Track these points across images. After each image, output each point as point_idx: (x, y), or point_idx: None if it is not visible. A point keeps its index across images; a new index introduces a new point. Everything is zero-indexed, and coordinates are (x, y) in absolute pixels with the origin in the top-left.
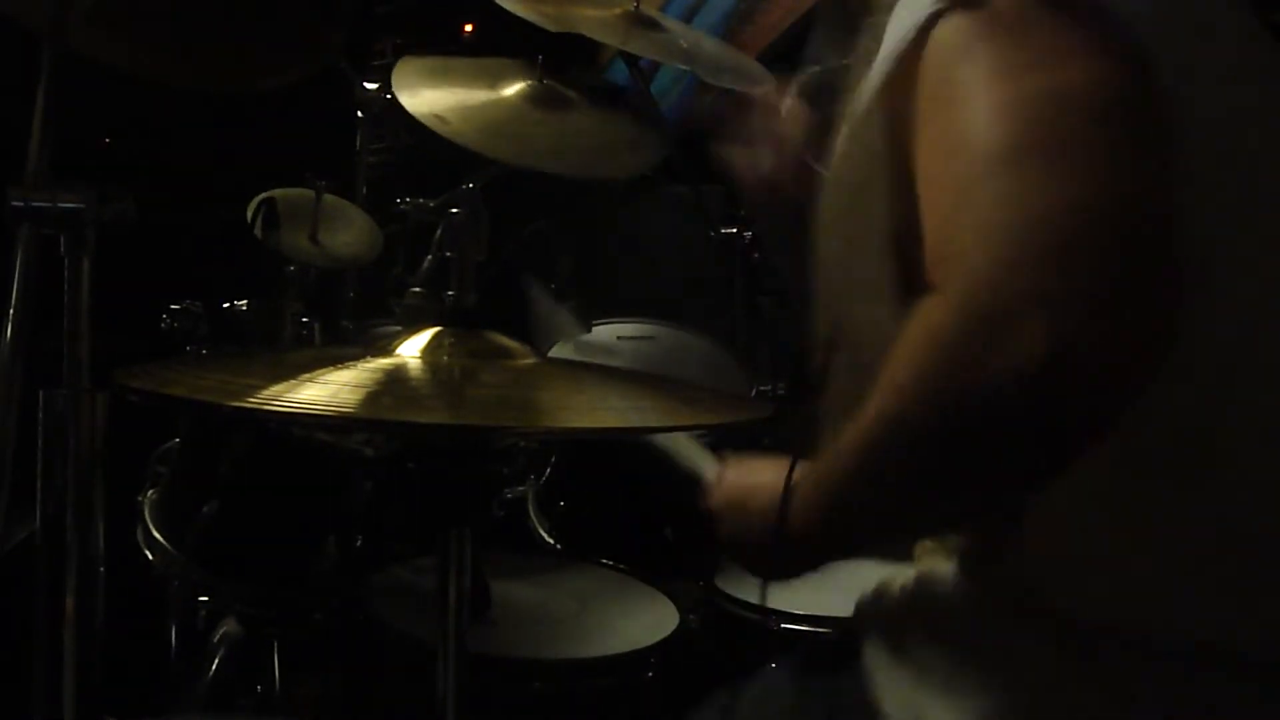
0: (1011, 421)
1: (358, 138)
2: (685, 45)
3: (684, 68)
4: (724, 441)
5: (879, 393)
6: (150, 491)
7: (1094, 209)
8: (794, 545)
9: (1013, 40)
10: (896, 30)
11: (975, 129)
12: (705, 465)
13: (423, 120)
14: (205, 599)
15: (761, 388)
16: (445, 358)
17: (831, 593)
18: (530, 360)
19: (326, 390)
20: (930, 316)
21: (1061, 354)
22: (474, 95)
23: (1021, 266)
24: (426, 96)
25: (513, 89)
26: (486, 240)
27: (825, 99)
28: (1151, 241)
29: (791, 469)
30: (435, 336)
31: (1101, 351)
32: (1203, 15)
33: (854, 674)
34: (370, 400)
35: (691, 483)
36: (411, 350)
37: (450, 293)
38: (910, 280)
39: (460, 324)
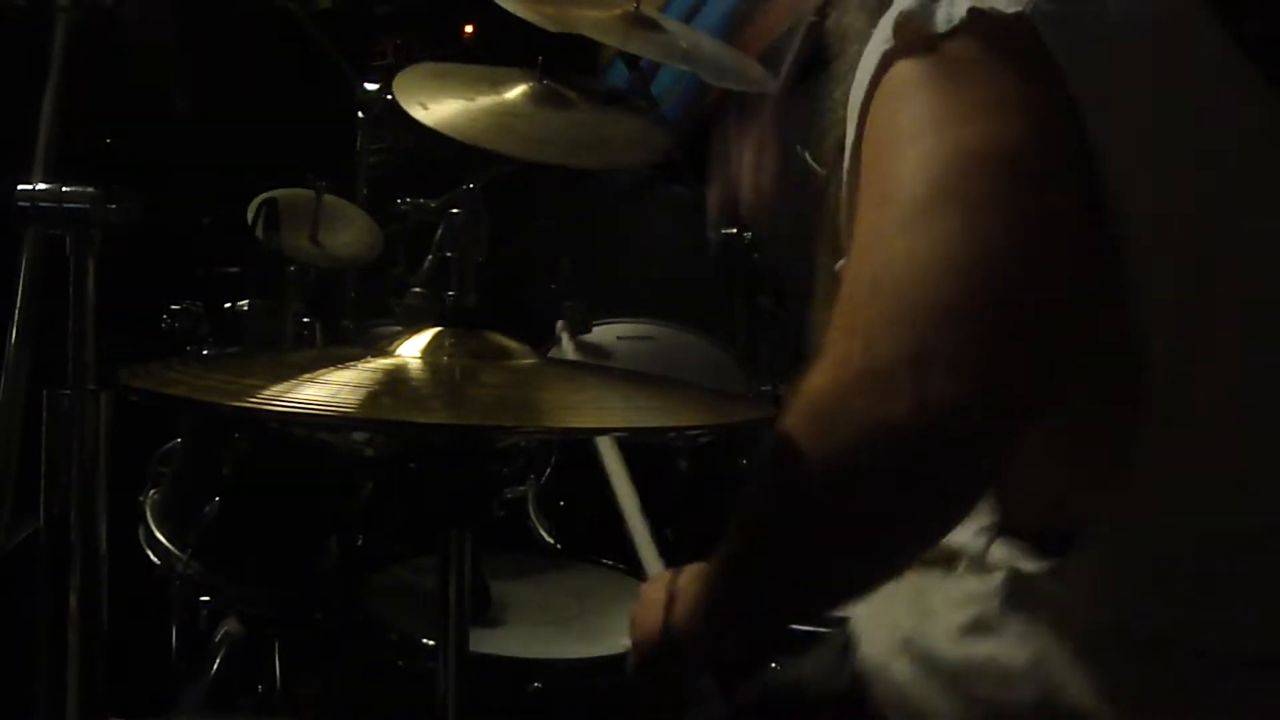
0: (879, 479)
1: (358, 138)
2: (685, 45)
3: (684, 68)
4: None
5: (757, 473)
6: (152, 491)
7: (975, 269)
8: (676, 647)
9: (947, 89)
10: (861, 79)
11: (894, 183)
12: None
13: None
14: (206, 599)
15: (761, 388)
16: (445, 358)
17: None
18: (530, 360)
19: (327, 390)
20: (808, 381)
21: (927, 411)
22: (472, 92)
23: (897, 324)
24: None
25: (513, 91)
26: (486, 240)
27: None
28: (1032, 303)
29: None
30: (435, 336)
31: (967, 408)
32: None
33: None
34: (370, 400)
35: None
36: (411, 350)
37: (450, 293)
38: None
39: (460, 324)
